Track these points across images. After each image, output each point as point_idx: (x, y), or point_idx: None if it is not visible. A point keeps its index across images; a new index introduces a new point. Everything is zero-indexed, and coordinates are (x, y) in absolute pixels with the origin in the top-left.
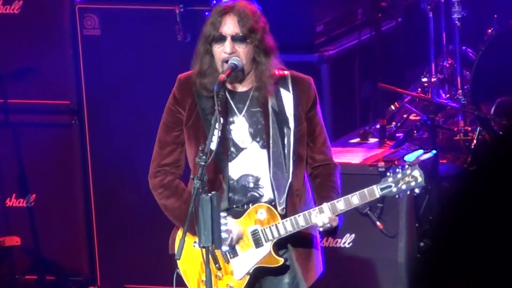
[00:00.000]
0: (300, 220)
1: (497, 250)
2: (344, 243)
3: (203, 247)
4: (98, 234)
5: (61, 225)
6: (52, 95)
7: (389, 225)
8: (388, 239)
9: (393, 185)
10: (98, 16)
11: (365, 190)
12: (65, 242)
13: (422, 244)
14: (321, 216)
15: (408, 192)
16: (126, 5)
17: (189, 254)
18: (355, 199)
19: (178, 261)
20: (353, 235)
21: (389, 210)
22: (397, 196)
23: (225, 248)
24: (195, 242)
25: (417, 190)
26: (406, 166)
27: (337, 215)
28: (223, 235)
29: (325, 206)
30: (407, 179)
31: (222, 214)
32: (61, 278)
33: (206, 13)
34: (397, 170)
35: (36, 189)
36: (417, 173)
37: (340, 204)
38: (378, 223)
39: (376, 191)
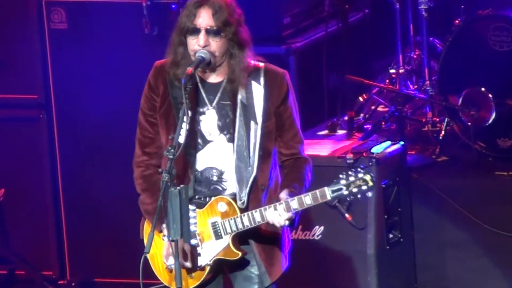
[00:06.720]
0: (256, 216)
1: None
2: (313, 235)
3: (172, 240)
4: (67, 228)
5: (30, 219)
6: (20, 90)
7: (358, 217)
8: (357, 231)
9: (344, 188)
10: (65, 10)
11: (317, 191)
12: (34, 236)
13: (391, 235)
14: (275, 213)
15: (359, 196)
16: None
17: (157, 240)
18: (307, 199)
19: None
20: (322, 228)
21: (358, 202)
22: (348, 199)
23: (194, 241)
24: (164, 235)
25: (369, 194)
26: (359, 169)
27: (292, 213)
28: (192, 228)
29: (280, 204)
30: (358, 182)
31: (191, 207)
32: (30, 273)
33: (173, 6)
34: (350, 173)
35: (5, 184)
36: (368, 177)
37: (294, 203)
38: (347, 215)
39: (327, 193)
